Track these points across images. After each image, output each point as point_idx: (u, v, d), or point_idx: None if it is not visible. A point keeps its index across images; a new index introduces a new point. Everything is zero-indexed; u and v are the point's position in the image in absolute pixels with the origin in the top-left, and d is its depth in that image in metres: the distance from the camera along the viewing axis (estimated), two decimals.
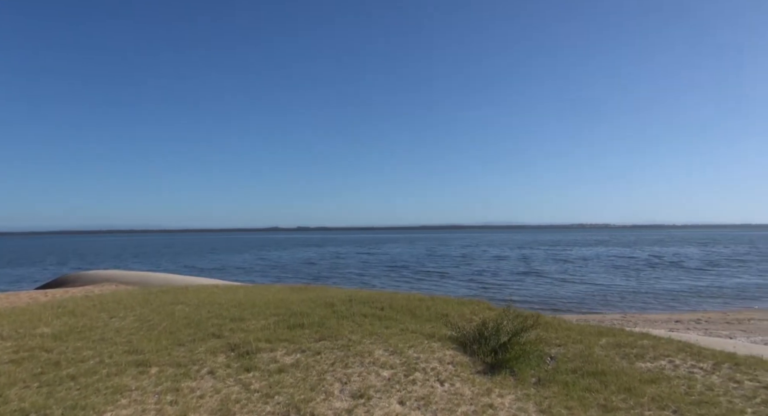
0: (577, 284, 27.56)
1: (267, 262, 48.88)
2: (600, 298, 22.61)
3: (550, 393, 4.70)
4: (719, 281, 28.71)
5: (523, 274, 33.16)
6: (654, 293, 24.19)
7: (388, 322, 7.16)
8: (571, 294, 23.75)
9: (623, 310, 19.39)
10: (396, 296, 9.46)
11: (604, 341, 6.68)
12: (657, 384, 4.87)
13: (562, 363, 5.73)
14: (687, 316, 17.47)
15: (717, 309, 19.49)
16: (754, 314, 17.67)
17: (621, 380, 4.97)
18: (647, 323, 15.22)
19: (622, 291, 24.72)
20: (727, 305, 20.74)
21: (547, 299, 22.03)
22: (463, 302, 9.15)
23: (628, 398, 4.52)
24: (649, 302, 21.32)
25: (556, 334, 7.07)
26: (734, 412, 4.15)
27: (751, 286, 26.46)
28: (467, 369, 5.38)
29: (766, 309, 19.27)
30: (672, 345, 6.46)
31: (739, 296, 23.18)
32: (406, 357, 5.58)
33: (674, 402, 4.38)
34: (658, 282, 28.46)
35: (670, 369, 5.46)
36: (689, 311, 19.16)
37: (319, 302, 8.40)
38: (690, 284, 27.34)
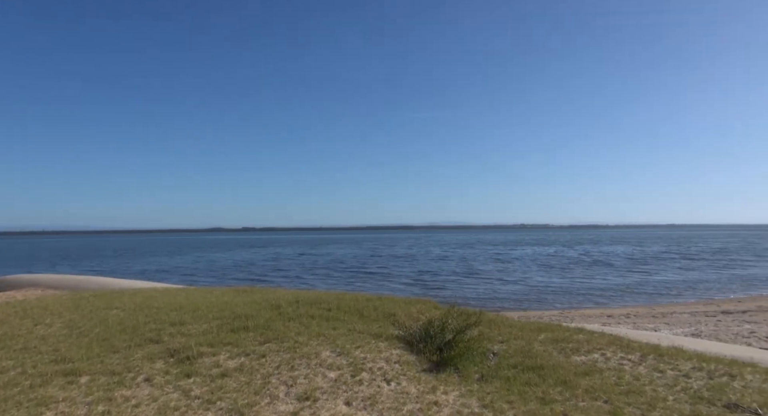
0: (517, 283, 28.58)
1: (205, 264, 47.13)
2: (539, 296, 23.58)
3: (492, 389, 4.85)
4: (645, 278, 30.79)
5: (463, 274, 33.80)
6: (588, 290, 25.56)
7: (336, 323, 7.12)
8: (512, 292, 24.64)
9: (561, 307, 20.34)
10: (344, 296, 9.43)
11: (543, 336, 6.97)
12: (590, 376, 5.15)
13: (504, 358, 5.93)
14: (618, 311, 18.58)
15: (644, 304, 20.89)
16: (676, 308, 19.08)
17: (558, 373, 5.21)
18: (582, 318, 16.05)
19: (558, 289, 25.92)
20: (653, 300, 22.26)
21: (490, 298, 22.74)
22: (410, 302, 9.26)
23: (564, 390, 4.74)
24: (583, 299, 22.50)
25: (499, 331, 7.31)
26: (657, 400, 4.45)
27: (673, 282, 28.56)
28: (413, 368, 5.45)
29: (687, 303, 20.85)
30: (604, 339, 6.85)
31: (663, 291, 24.95)
32: (354, 357, 5.57)
33: (605, 392, 4.65)
34: (590, 280, 30.06)
35: (602, 361, 5.79)
36: (619, 306, 20.41)
37: (265, 305, 8.23)
38: (619, 282, 29.11)
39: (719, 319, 14.98)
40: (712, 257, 47.46)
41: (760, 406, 4.20)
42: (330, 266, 42.50)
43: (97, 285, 16.05)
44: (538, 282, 28.73)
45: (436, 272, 35.79)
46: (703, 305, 19.65)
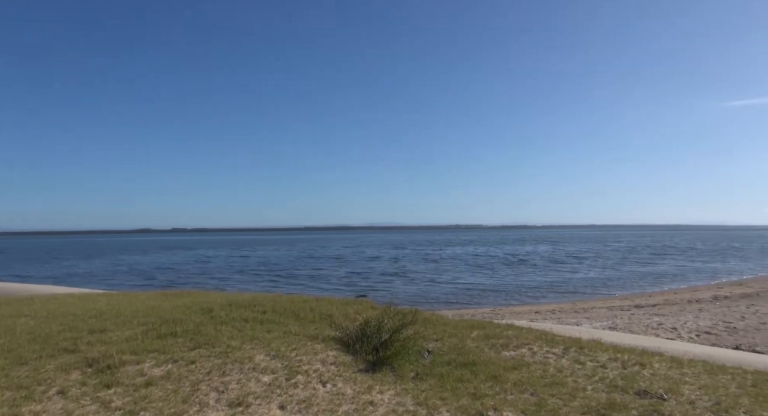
0: (448, 283, 29.40)
1: (127, 267, 44.31)
2: (472, 294, 24.43)
3: (426, 386, 4.95)
4: (568, 276, 32.80)
5: (394, 274, 34.16)
6: (516, 288, 26.81)
7: (271, 326, 6.96)
8: (445, 292, 25.33)
9: (493, 305, 21.17)
10: (279, 298, 9.24)
11: (475, 333, 7.22)
12: (518, 370, 5.40)
13: (439, 356, 6.08)
14: (544, 307, 19.64)
15: (568, 300, 22.24)
16: (596, 303, 20.48)
17: (489, 369, 5.42)
18: (513, 315, 16.79)
19: (489, 287, 26.98)
20: (575, 296, 23.76)
21: (425, 297, 23.25)
22: (347, 303, 9.25)
23: (494, 385, 4.93)
24: (513, 297, 23.57)
25: (434, 329, 7.48)
26: (578, 390, 4.76)
27: (592, 279, 30.64)
28: (350, 369, 5.44)
29: (605, 299, 22.44)
30: (531, 334, 7.21)
31: (584, 288, 26.70)
32: (289, 360, 5.47)
33: (532, 385, 4.89)
34: (519, 278, 31.57)
35: (530, 355, 6.09)
36: (546, 303, 21.59)
37: (196, 308, 7.88)
38: (544, 280, 30.81)
39: (632, 313, 16.25)
40: (625, 256, 51.45)
41: (665, 391, 4.60)
42: (258, 268, 41.41)
43: (1, 292, 14.62)
44: (469, 281, 29.62)
45: (367, 273, 35.78)
46: (618, 301, 21.23)
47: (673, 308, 17.33)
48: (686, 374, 5.25)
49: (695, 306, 17.41)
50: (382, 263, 45.08)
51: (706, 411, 4.14)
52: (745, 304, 17.00)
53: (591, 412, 4.20)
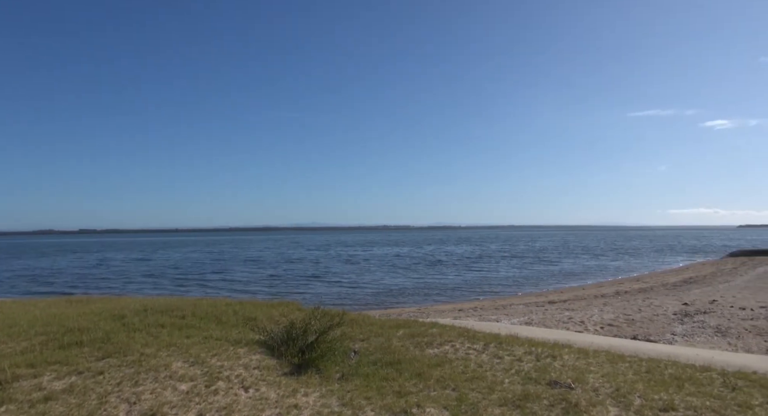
0: (372, 283, 29.69)
1: (21, 271, 40.15)
2: (397, 294, 24.84)
3: (352, 387, 4.96)
4: (488, 274, 34.39)
5: (312, 276, 33.66)
6: (441, 286, 27.67)
7: (190, 331, 6.63)
8: (371, 292, 25.56)
9: (419, 303, 21.66)
10: (200, 302, 8.83)
11: (401, 332, 7.35)
12: (442, 367, 5.57)
13: (365, 356, 6.12)
14: (467, 305, 20.41)
15: (489, 298, 23.30)
16: (514, 300, 21.63)
17: (413, 366, 5.54)
18: (437, 313, 17.28)
19: (414, 287, 27.58)
20: (496, 294, 24.95)
21: (350, 298, 23.31)
22: (272, 305, 9.04)
23: (418, 382, 5.05)
24: (438, 295, 24.27)
25: (361, 330, 7.52)
26: (496, 383, 5.00)
27: (511, 277, 32.34)
28: (274, 372, 5.32)
29: (522, 296, 23.76)
30: (454, 331, 7.46)
31: (504, 286, 28.12)
32: (209, 366, 5.24)
33: (454, 381, 5.07)
34: (442, 277, 32.58)
35: (452, 352, 6.31)
36: (469, 300, 22.46)
37: (105, 315, 7.33)
38: (466, 278, 32.07)
39: (546, 308, 17.35)
40: (539, 255, 54.89)
41: (573, 380, 4.97)
42: (168, 271, 39.03)
43: None
44: (392, 282, 29.94)
45: (286, 275, 34.87)
46: (534, 297, 22.58)
47: (581, 303, 18.72)
48: (591, 363, 5.70)
49: (600, 301, 18.94)
50: (303, 265, 44.17)
51: (607, 397, 4.52)
52: (641, 298, 18.76)
53: (507, 404, 4.43)
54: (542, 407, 4.32)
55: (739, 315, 12.42)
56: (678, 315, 13.11)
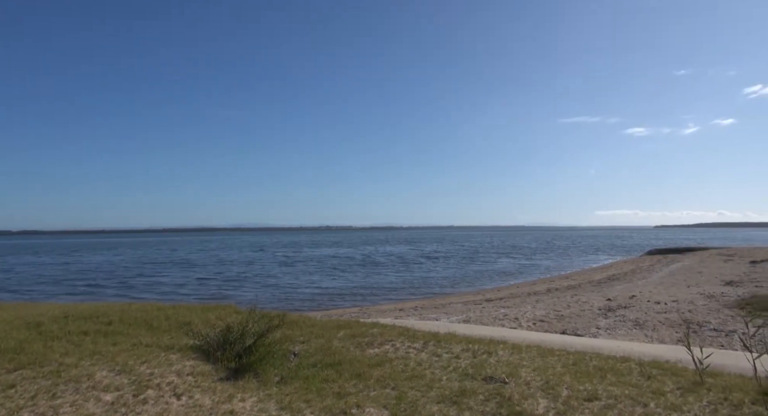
0: (306, 285, 29.39)
1: None
2: (339, 295, 24.77)
3: (291, 390, 4.88)
4: (429, 274, 35.09)
5: (243, 279, 32.70)
6: (382, 286, 27.89)
7: (117, 338, 6.25)
8: (308, 294, 25.31)
9: (361, 304, 21.70)
10: (129, 307, 8.35)
11: (342, 333, 7.32)
12: (382, 367, 5.60)
13: (305, 358, 6.04)
14: (408, 304, 20.71)
15: (429, 297, 23.76)
16: (452, 299, 22.21)
17: (354, 367, 5.54)
18: (379, 313, 17.40)
19: (354, 288, 27.62)
20: (436, 293, 25.50)
21: (290, 300, 22.97)
22: (208, 308, 8.71)
23: (358, 383, 5.05)
24: (379, 295, 24.44)
25: (301, 331, 7.42)
26: (434, 381, 5.10)
27: (450, 277, 33.18)
28: (209, 378, 5.13)
29: (460, 294, 24.45)
30: (395, 331, 7.54)
31: (444, 285, 28.80)
32: (137, 374, 4.96)
33: (393, 380, 5.12)
34: (383, 278, 32.87)
35: (393, 351, 6.37)
36: (410, 300, 22.79)
37: (19, 323, 6.74)
38: (407, 278, 32.55)
39: (483, 306, 17.95)
40: (475, 255, 56.76)
41: (507, 375, 5.17)
42: (80, 276, 36.10)
43: None
44: (331, 283, 29.71)
45: (215, 278, 33.49)
46: (472, 296, 23.30)
47: (516, 300, 19.55)
48: (524, 358, 5.95)
49: (533, 298, 19.86)
50: (236, 267, 42.65)
51: (538, 389, 4.74)
52: (570, 294, 19.88)
53: (445, 400, 4.54)
54: (478, 402, 4.46)
55: (655, 309, 13.46)
56: (602, 310, 14.01)
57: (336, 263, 46.45)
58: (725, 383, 4.70)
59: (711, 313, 12.35)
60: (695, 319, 11.72)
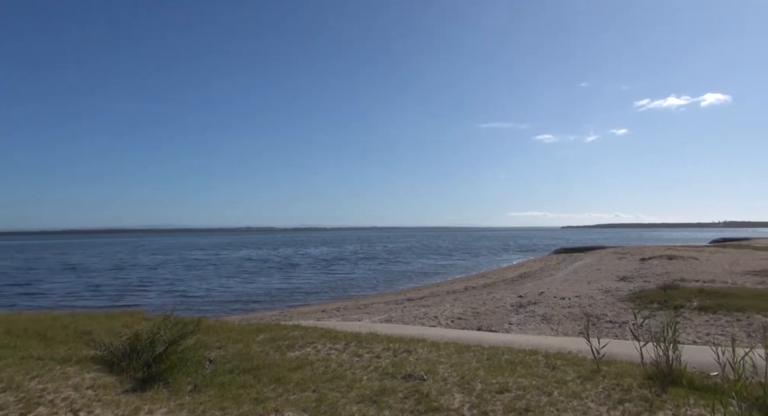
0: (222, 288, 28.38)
1: None
2: (258, 297, 24.08)
3: (205, 398, 4.65)
4: (351, 275, 35.20)
5: (140, 286, 30.13)
6: (302, 289, 27.45)
7: (2, 351, 5.60)
8: (233, 296, 24.41)
9: (281, 306, 21.24)
10: (17, 317, 7.52)
11: (261, 337, 7.12)
12: (302, 370, 5.52)
13: (221, 364, 5.79)
14: (331, 306, 20.60)
15: (351, 298, 23.81)
16: (375, 299, 22.44)
17: (273, 371, 5.40)
18: (300, 315, 17.13)
19: (276, 290, 27.01)
20: (358, 293, 25.62)
21: (208, 304, 21.97)
22: (113, 316, 8.09)
23: (277, 387, 4.94)
24: (300, 298, 24.07)
25: (218, 337, 7.11)
26: (355, 381, 5.12)
27: (373, 277, 33.51)
28: (112, 391, 4.75)
29: (383, 294, 24.77)
30: (317, 333, 7.47)
31: (366, 285, 29.02)
32: (26, 390, 4.47)
33: (314, 382, 5.07)
34: (305, 280, 32.44)
35: (314, 354, 6.30)
36: (332, 301, 22.69)
37: None
38: (328, 279, 32.40)
39: (404, 306, 18.32)
40: (396, 255, 57.90)
41: (426, 372, 5.32)
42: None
43: None
44: (241, 288, 28.39)
45: (112, 285, 30.67)
46: (394, 295, 23.69)
47: (435, 299, 20.16)
48: (442, 355, 6.16)
49: (452, 297, 20.61)
50: (138, 271, 39.23)
51: (454, 385, 4.93)
52: (486, 292, 20.88)
53: (365, 400, 4.57)
54: (397, 400, 4.55)
55: (560, 304, 14.53)
56: (514, 306, 14.86)
57: (252, 265, 44.85)
58: (618, 370, 5.18)
59: (607, 306, 13.56)
60: (594, 312, 12.79)
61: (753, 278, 18.53)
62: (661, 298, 13.37)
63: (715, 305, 11.66)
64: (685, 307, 12.07)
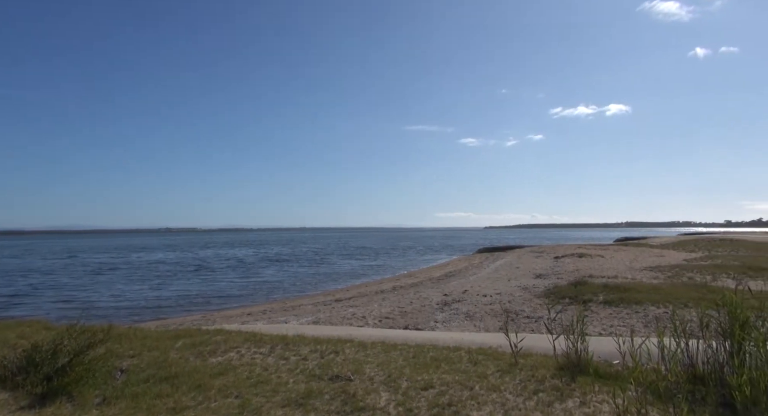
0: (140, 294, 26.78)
1: None
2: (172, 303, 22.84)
3: (116, 411, 4.34)
4: (275, 276, 34.43)
5: (30, 292, 27.08)
6: (226, 292, 26.37)
7: None
8: (144, 303, 22.94)
9: (204, 310, 20.29)
10: None
11: (180, 343, 6.77)
12: (225, 376, 5.31)
13: (134, 374, 5.43)
14: (257, 308, 20.01)
15: (278, 300, 23.29)
16: (303, 300, 22.11)
17: (193, 379, 5.15)
18: (224, 319, 16.47)
19: (193, 295, 25.70)
20: (286, 296, 25.11)
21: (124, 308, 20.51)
22: (7, 326, 7.31)
23: (197, 395, 4.71)
24: (222, 301, 23.12)
25: (131, 345, 6.66)
26: (281, 384, 5.02)
27: (300, 278, 33.02)
28: (5, 409, 4.29)
29: (311, 295, 24.47)
30: (241, 337, 7.22)
31: (293, 287, 28.52)
32: None
33: (237, 388, 4.89)
34: (226, 283, 31.01)
35: (237, 359, 6.09)
36: (258, 303, 22.05)
37: None
38: (250, 281, 31.37)
39: (333, 306, 18.23)
40: (324, 256, 57.57)
41: (353, 372, 5.33)
42: None
43: None
44: (158, 292, 26.65)
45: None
46: (323, 296, 23.49)
47: (364, 299, 20.26)
48: (369, 355, 6.20)
49: (380, 296, 20.82)
50: (28, 278, 34.89)
51: (381, 384, 4.98)
52: (413, 291, 21.32)
53: (291, 403, 4.49)
54: (323, 402, 4.51)
55: (482, 302, 15.18)
56: (440, 304, 15.31)
57: (166, 269, 41.88)
58: (534, 362, 5.51)
59: (525, 303, 14.37)
60: (513, 308, 13.50)
61: (649, 274, 20.50)
62: (572, 294, 14.40)
63: (617, 300, 12.75)
64: (592, 301, 13.09)
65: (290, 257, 57.35)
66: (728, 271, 19.93)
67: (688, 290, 14.01)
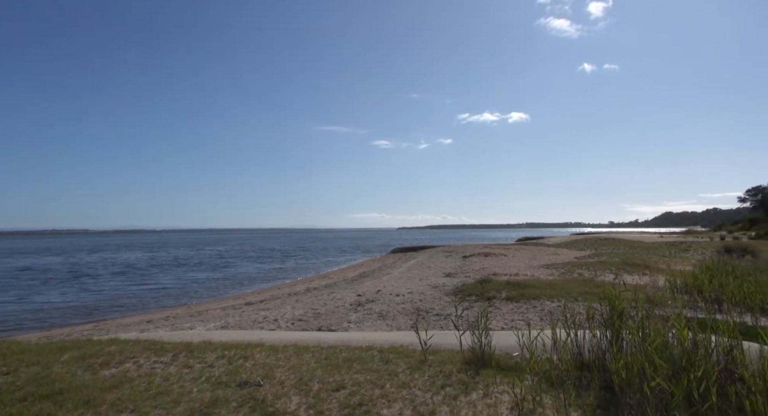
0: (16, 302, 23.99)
1: None
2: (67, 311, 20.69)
3: None
4: (173, 282, 32.43)
5: None
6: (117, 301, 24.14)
7: None
8: (22, 311, 20.47)
9: (93, 319, 18.54)
10: None
11: (67, 356, 6.13)
12: (119, 389, 4.90)
13: (9, 393, 4.81)
14: (158, 315, 18.67)
15: (183, 305, 21.95)
16: (211, 305, 21.05)
17: (81, 394, 4.68)
18: (120, 327, 15.18)
19: (91, 300, 23.54)
20: (190, 300, 23.73)
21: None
22: None
23: (85, 411, 4.29)
24: (116, 309, 21.27)
25: (5, 361, 5.91)
26: (183, 394, 4.73)
27: (206, 281, 31.42)
28: None
29: (220, 300, 23.36)
30: (139, 346, 6.71)
31: (200, 290, 27.05)
32: None
33: (133, 401, 4.53)
34: (107, 289, 28.42)
35: (134, 369, 5.64)
36: (160, 310, 20.60)
37: None
38: (145, 288, 29.09)
39: (243, 310, 17.55)
40: (230, 259, 55.41)
41: (262, 377, 5.17)
42: None
43: None
44: (30, 303, 23.57)
45: None
46: (232, 300, 22.52)
47: (276, 302, 19.75)
48: (280, 358, 6.06)
49: (293, 298, 20.42)
50: None
51: (291, 387, 4.89)
52: (327, 292, 21.17)
53: (195, 414, 4.25)
54: (230, 410, 4.33)
55: (395, 301, 15.49)
56: (353, 305, 15.37)
57: (29, 276, 36.22)
58: (442, 358, 5.73)
59: (435, 301, 14.90)
60: (424, 307, 13.94)
61: (545, 271, 22.24)
62: (478, 291, 15.19)
63: (518, 295, 13.68)
64: (496, 298, 13.91)
65: (191, 260, 53.86)
66: (610, 267, 22.22)
67: (578, 285, 15.41)
